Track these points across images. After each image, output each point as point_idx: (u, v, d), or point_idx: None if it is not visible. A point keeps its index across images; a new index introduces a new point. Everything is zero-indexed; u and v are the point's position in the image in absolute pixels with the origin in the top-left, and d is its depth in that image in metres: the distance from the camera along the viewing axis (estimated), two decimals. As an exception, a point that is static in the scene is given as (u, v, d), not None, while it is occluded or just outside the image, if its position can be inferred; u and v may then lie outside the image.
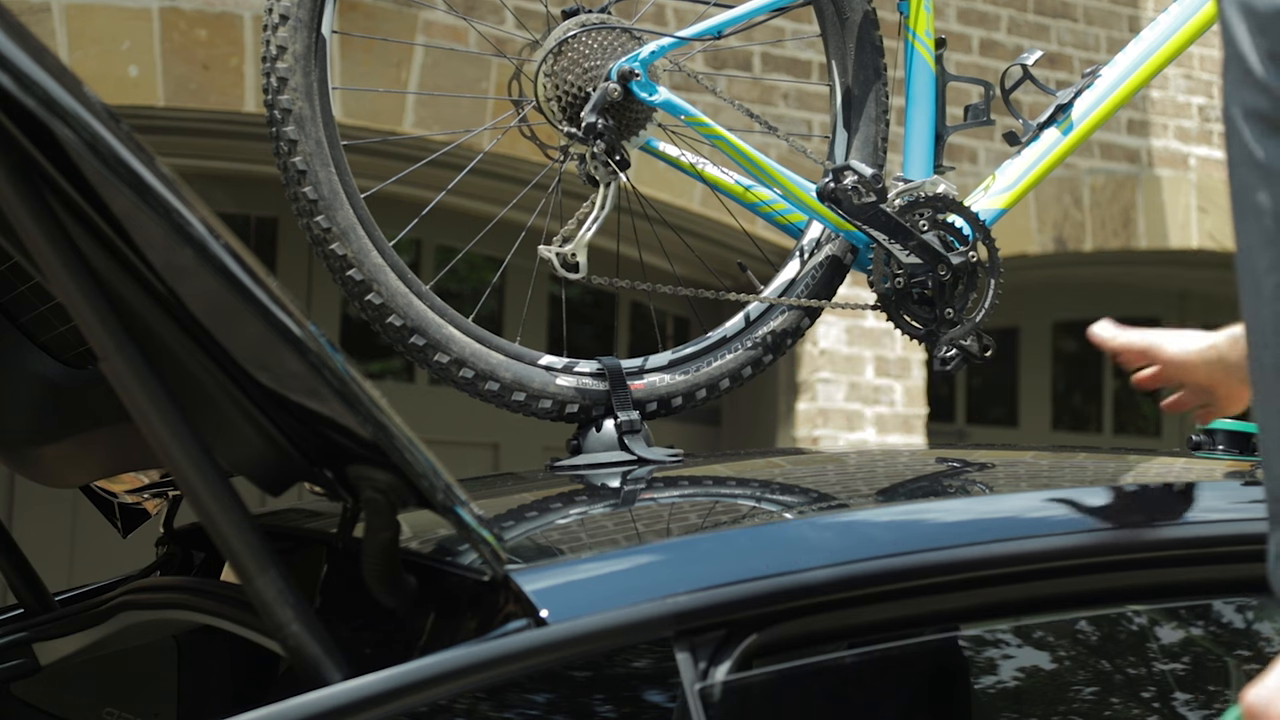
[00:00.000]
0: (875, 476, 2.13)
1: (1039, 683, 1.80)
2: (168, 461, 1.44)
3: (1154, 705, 1.77)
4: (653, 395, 2.27)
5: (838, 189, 2.28)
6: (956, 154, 6.05)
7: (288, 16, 2.11)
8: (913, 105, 2.40)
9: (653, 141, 2.29)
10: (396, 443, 1.42)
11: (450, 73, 5.08)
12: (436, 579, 1.60)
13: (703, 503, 2.00)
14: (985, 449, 3.33)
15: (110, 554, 2.96)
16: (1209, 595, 1.79)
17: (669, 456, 2.18)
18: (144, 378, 1.42)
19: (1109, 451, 3.39)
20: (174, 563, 2.26)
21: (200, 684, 2.27)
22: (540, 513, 1.96)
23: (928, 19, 2.40)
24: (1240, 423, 2.24)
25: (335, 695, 1.40)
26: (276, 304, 1.36)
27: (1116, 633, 1.80)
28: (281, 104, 2.10)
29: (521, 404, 2.22)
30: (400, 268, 2.16)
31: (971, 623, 1.73)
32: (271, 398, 1.52)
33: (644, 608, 1.50)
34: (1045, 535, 1.70)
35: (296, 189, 2.11)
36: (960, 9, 6.20)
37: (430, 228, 5.10)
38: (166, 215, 1.31)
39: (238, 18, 4.85)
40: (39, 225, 1.39)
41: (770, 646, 1.55)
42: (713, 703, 1.48)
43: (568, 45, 2.23)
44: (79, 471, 2.21)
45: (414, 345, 2.15)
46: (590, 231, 2.24)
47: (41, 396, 2.00)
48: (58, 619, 2.23)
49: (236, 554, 1.45)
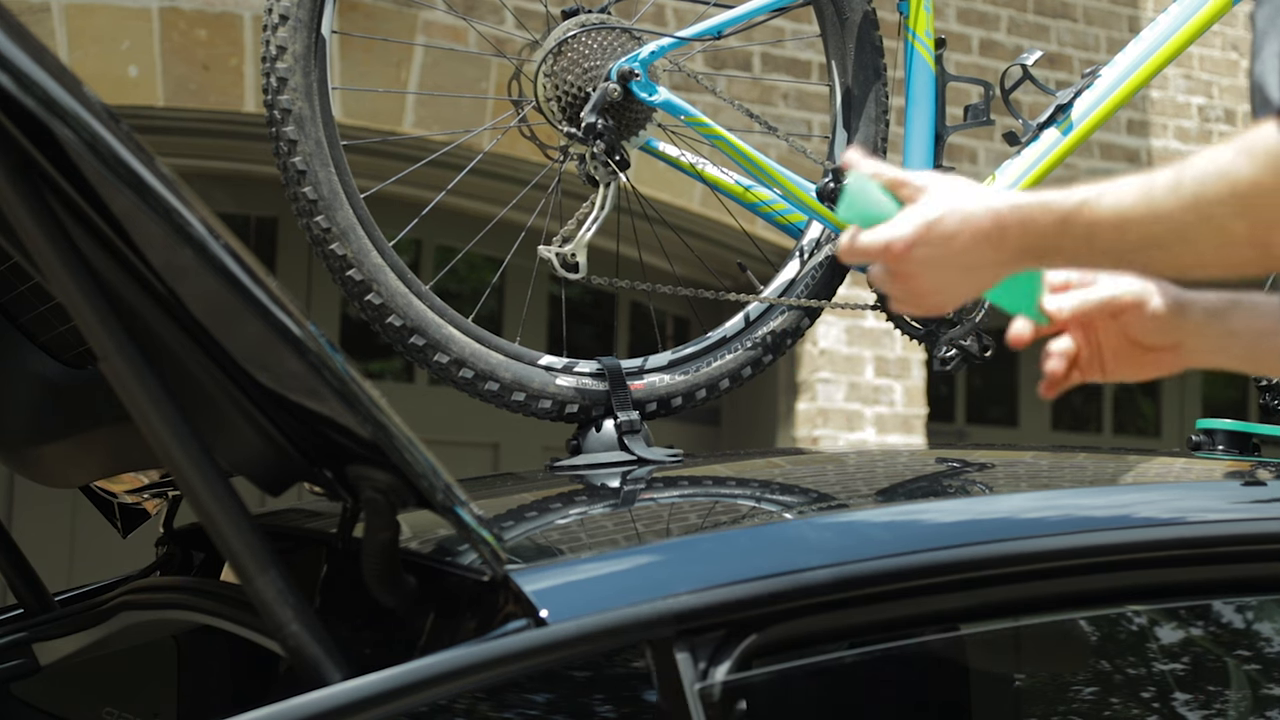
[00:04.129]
0: (875, 476, 2.13)
1: (1039, 683, 1.80)
2: (168, 461, 1.44)
3: (1154, 705, 1.77)
4: (652, 395, 2.27)
5: (838, 189, 2.28)
6: (956, 154, 6.04)
7: (288, 16, 2.11)
8: (913, 105, 2.40)
9: (653, 141, 2.29)
10: (396, 443, 1.42)
11: (450, 73, 5.08)
12: (436, 579, 1.60)
13: (703, 503, 2.00)
14: (985, 449, 3.33)
15: (110, 554, 2.96)
16: (1209, 595, 1.79)
17: (669, 456, 2.18)
18: (144, 378, 1.42)
19: (1109, 451, 3.39)
20: (174, 563, 2.26)
21: (200, 684, 2.27)
22: (540, 513, 1.96)
23: (927, 19, 2.40)
24: (1240, 423, 2.24)
25: (335, 695, 1.40)
26: (276, 304, 1.36)
27: (1116, 633, 1.81)
28: (281, 104, 2.10)
29: (521, 404, 2.22)
30: (400, 268, 2.16)
31: (971, 623, 1.73)
32: (271, 398, 1.52)
33: (644, 608, 1.50)
34: (1045, 535, 1.70)
35: (296, 189, 2.11)
36: (960, 9, 6.20)
37: (430, 228, 5.10)
38: (166, 215, 1.31)
39: (238, 18, 4.85)
40: (39, 225, 1.39)
41: (770, 646, 1.55)
42: (712, 703, 1.48)
43: (567, 45, 2.23)
44: (79, 471, 2.21)
45: (414, 345, 2.15)
46: (590, 231, 2.24)
47: (41, 396, 2.00)
48: (58, 619, 2.23)
49: (236, 554, 1.45)
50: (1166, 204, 1.28)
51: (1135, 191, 1.31)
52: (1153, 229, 1.29)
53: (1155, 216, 1.29)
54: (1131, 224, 1.31)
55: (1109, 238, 1.33)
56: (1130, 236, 1.31)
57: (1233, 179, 1.23)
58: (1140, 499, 1.86)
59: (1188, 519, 1.79)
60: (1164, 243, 1.30)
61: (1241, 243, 1.25)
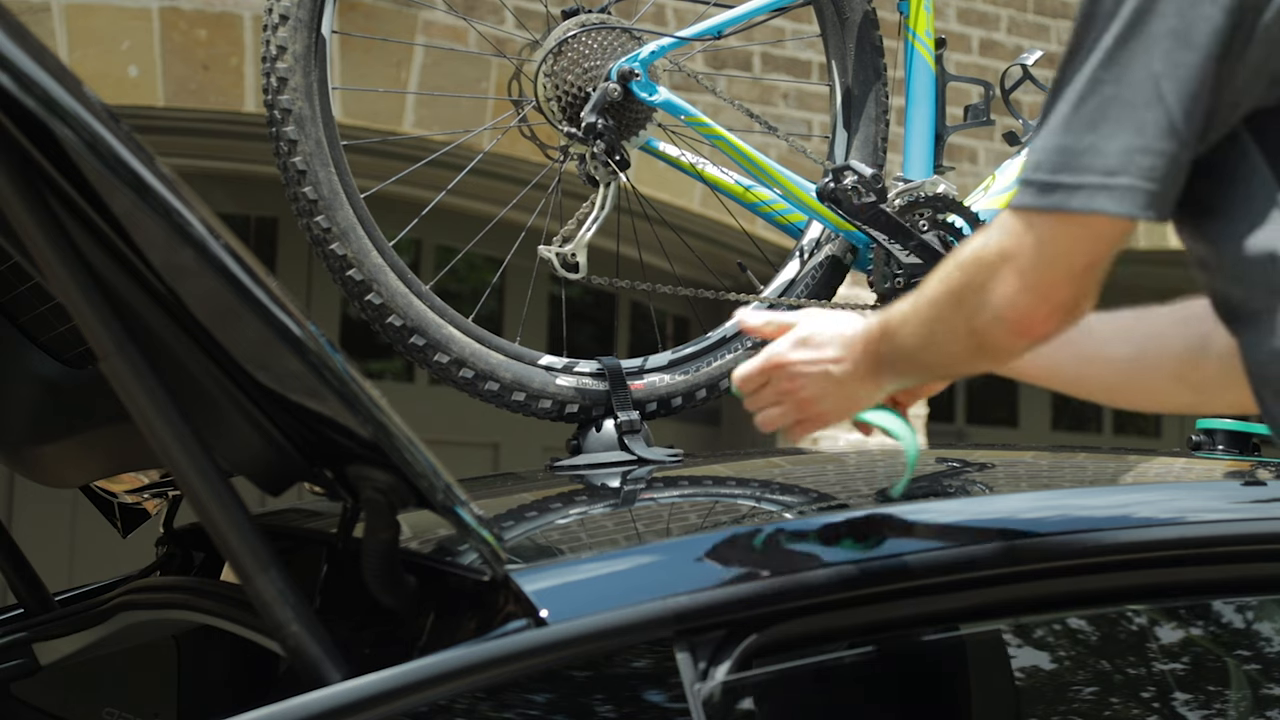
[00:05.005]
0: (875, 476, 2.13)
1: (1039, 683, 1.80)
2: (168, 461, 1.44)
3: (1154, 705, 1.78)
4: (653, 395, 2.27)
5: (838, 189, 2.28)
6: (956, 154, 6.04)
7: (288, 16, 2.11)
8: (913, 105, 2.40)
9: (653, 141, 2.29)
10: (396, 443, 1.42)
11: (450, 73, 5.08)
12: (436, 579, 1.60)
13: (703, 503, 2.00)
14: (985, 449, 3.33)
15: (110, 554, 2.96)
16: (1209, 595, 1.79)
17: (669, 456, 2.18)
18: (144, 378, 1.42)
19: (1109, 451, 3.39)
20: (174, 563, 2.26)
21: (200, 684, 2.27)
22: (540, 513, 1.96)
23: (928, 19, 2.40)
24: (1240, 423, 2.24)
25: (335, 695, 1.40)
26: (276, 304, 1.36)
27: (1116, 633, 1.81)
28: (281, 104, 2.10)
29: (521, 404, 2.22)
30: (400, 268, 2.16)
31: (971, 623, 1.73)
32: (271, 398, 1.53)
33: (644, 608, 1.50)
34: (1045, 535, 1.70)
35: (296, 189, 2.11)
36: (960, 9, 6.20)
37: (430, 228, 5.10)
38: (166, 215, 1.31)
39: (238, 18, 4.85)
40: (39, 225, 1.39)
41: (770, 646, 1.54)
42: (713, 703, 1.48)
43: (568, 45, 2.23)
44: (79, 471, 2.21)
45: (414, 345, 2.15)
46: (590, 231, 2.24)
47: (41, 396, 2.00)
48: (58, 619, 2.23)
49: (236, 554, 1.45)
50: (920, 308, 1.48)
51: (909, 299, 1.52)
52: (918, 330, 1.49)
53: (918, 318, 1.49)
54: (908, 325, 1.51)
55: (901, 343, 1.53)
56: (908, 340, 1.52)
57: (949, 282, 1.43)
58: (1140, 499, 1.86)
59: (1188, 519, 1.79)
60: (925, 342, 1.49)
61: (963, 334, 1.43)
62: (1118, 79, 1.31)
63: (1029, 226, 1.35)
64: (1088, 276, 1.37)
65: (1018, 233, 1.36)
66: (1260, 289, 1.34)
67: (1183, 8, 1.29)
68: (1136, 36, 1.31)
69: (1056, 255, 1.36)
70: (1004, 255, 1.37)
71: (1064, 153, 1.34)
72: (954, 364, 1.54)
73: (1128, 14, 1.31)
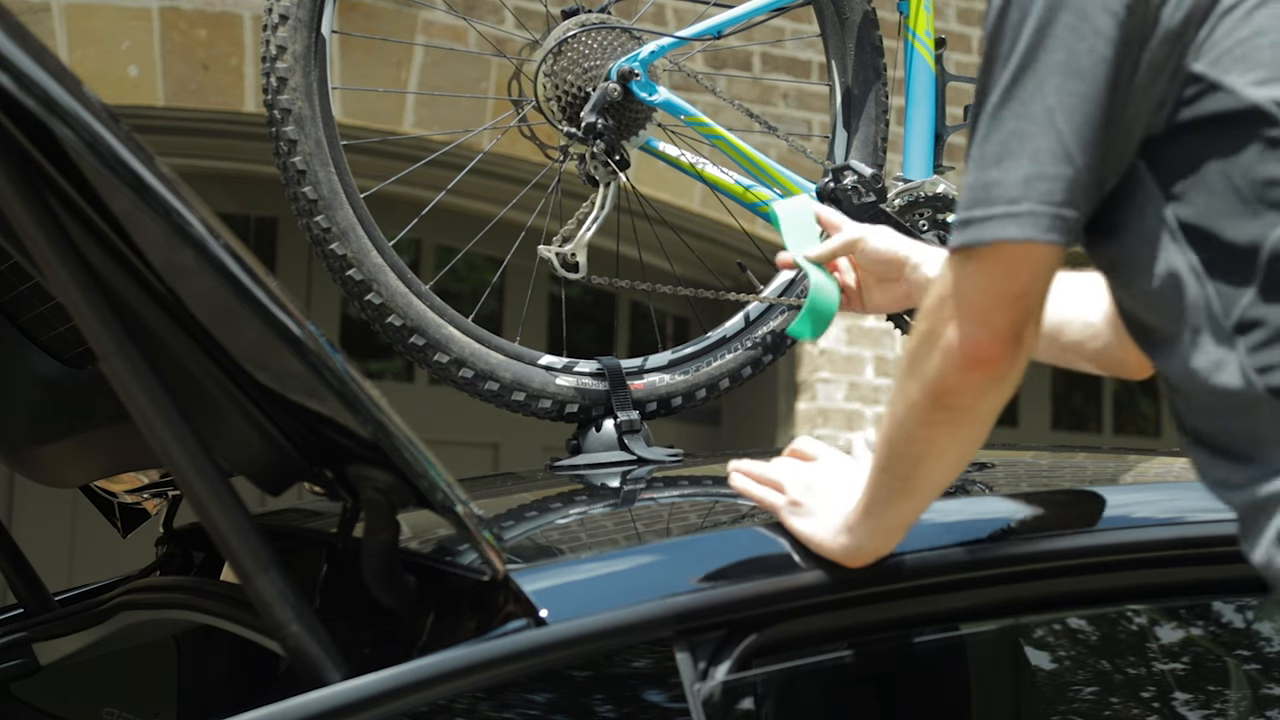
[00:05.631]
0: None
1: (1039, 682, 1.80)
2: (168, 461, 1.45)
3: (1154, 705, 1.78)
4: (653, 395, 2.27)
5: (838, 189, 2.28)
6: (956, 154, 6.04)
7: (288, 16, 2.11)
8: (913, 105, 2.40)
9: (653, 141, 2.29)
10: (396, 443, 1.42)
11: (450, 73, 5.08)
12: (436, 579, 1.60)
13: (703, 503, 2.00)
14: (985, 449, 3.33)
15: (110, 554, 2.96)
16: (1209, 595, 1.79)
17: (669, 456, 2.18)
18: (144, 378, 1.42)
19: (1109, 451, 3.39)
20: (174, 563, 2.26)
21: (200, 684, 2.27)
22: (540, 513, 1.96)
23: (928, 19, 2.40)
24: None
25: (335, 695, 1.40)
26: (276, 304, 1.36)
27: (1116, 633, 1.81)
28: (281, 104, 2.10)
29: (521, 404, 2.22)
30: (400, 268, 2.16)
31: (971, 623, 1.73)
32: (271, 398, 1.53)
33: (644, 608, 1.50)
34: (1045, 535, 1.70)
35: (296, 189, 2.11)
36: (960, 9, 6.20)
37: (430, 228, 5.10)
38: (166, 215, 1.31)
39: (238, 18, 4.85)
40: (39, 225, 1.39)
41: (770, 646, 1.55)
42: (712, 703, 1.48)
43: (567, 45, 2.23)
44: (79, 471, 2.21)
45: (414, 345, 2.15)
46: (590, 231, 2.24)
47: (41, 396, 2.00)
48: (58, 619, 2.23)
49: (236, 554, 1.45)
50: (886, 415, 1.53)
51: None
52: (890, 434, 1.52)
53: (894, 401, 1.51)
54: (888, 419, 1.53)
55: (880, 466, 1.54)
56: (882, 454, 1.54)
57: (904, 361, 1.48)
58: (1140, 499, 1.86)
59: (1188, 519, 1.79)
60: (894, 434, 1.51)
61: (915, 393, 1.46)
62: (1017, 114, 1.37)
63: (958, 265, 1.40)
64: (1021, 304, 1.40)
65: (949, 274, 1.41)
66: (1165, 315, 1.39)
67: (1070, 42, 1.35)
68: (1030, 73, 1.36)
69: (986, 287, 1.39)
70: (942, 298, 1.41)
71: (975, 189, 1.39)
72: (919, 430, 1.50)
73: (1021, 52, 1.37)
